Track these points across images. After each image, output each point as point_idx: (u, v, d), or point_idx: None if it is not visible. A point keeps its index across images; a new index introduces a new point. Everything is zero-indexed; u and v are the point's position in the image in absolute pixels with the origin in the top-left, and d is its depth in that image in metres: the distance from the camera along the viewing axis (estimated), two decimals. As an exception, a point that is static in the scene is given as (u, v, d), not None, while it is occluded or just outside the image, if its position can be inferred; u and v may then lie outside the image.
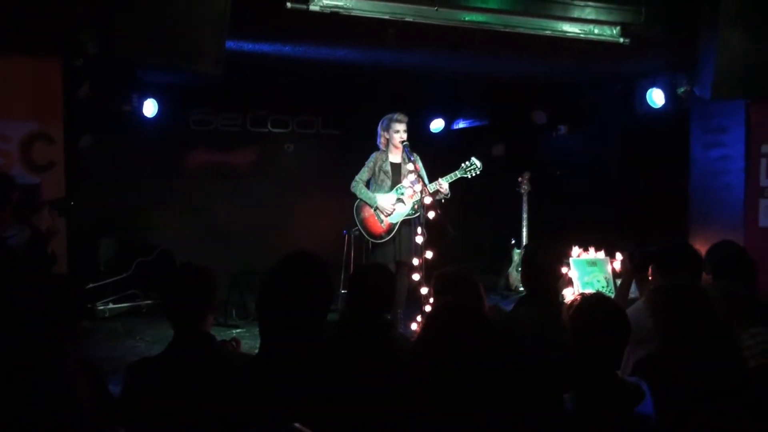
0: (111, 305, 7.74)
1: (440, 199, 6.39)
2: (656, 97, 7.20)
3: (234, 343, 3.43)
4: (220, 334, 6.27)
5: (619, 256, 6.11)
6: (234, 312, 7.39)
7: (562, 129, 9.62)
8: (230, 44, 5.18)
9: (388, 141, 6.61)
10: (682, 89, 6.83)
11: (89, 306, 7.47)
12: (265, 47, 6.43)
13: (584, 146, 9.41)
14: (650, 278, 4.08)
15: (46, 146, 5.70)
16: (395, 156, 6.65)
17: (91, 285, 7.69)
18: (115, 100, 7.63)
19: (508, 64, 7.30)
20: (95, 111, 7.38)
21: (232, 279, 7.54)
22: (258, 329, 2.60)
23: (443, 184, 6.41)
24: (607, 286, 6.35)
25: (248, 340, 6.40)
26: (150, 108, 8.05)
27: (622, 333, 2.79)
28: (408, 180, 6.47)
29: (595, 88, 8.63)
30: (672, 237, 6.88)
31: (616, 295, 4.74)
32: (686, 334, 2.91)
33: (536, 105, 9.44)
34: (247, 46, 6.22)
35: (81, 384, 2.71)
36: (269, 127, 9.86)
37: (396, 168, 6.65)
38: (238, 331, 7.03)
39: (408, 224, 6.52)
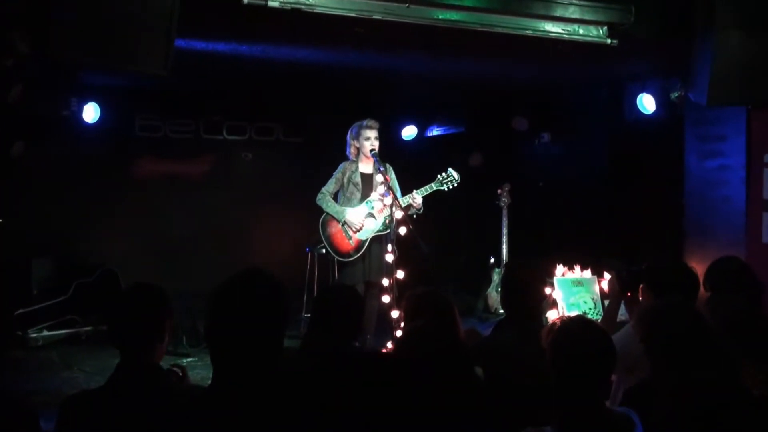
0: (45, 332, 7.61)
1: (412, 214, 6.39)
2: (647, 103, 7.28)
3: (178, 371, 3.34)
4: (170, 364, 6.26)
5: (607, 275, 6.16)
6: (184, 338, 7.31)
7: (545, 137, 9.69)
8: (180, 43, 5.14)
9: (358, 150, 6.62)
10: (676, 94, 6.89)
11: (19, 333, 7.36)
12: (219, 46, 6.41)
13: (569, 155, 9.47)
14: (641, 299, 4.11)
15: (-28, 155, 5.63)
16: (366, 166, 6.65)
17: (21, 310, 7.57)
18: (52, 104, 7.58)
19: (485, 67, 7.34)
20: (29, 116, 7.30)
21: (182, 301, 7.46)
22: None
23: (417, 198, 6.41)
24: (595, 308, 6.39)
25: (200, 369, 6.36)
26: (91, 113, 7.99)
27: (606, 359, 2.79)
28: (377, 192, 6.47)
29: (581, 92, 8.70)
30: (665, 254, 6.95)
31: (603, 318, 4.76)
32: (680, 360, 2.91)
33: (517, 111, 9.50)
34: (200, 44, 6.20)
35: None
36: (225, 133, 9.82)
37: (367, 179, 6.64)
38: (189, 360, 6.96)
39: (378, 241, 6.51)
